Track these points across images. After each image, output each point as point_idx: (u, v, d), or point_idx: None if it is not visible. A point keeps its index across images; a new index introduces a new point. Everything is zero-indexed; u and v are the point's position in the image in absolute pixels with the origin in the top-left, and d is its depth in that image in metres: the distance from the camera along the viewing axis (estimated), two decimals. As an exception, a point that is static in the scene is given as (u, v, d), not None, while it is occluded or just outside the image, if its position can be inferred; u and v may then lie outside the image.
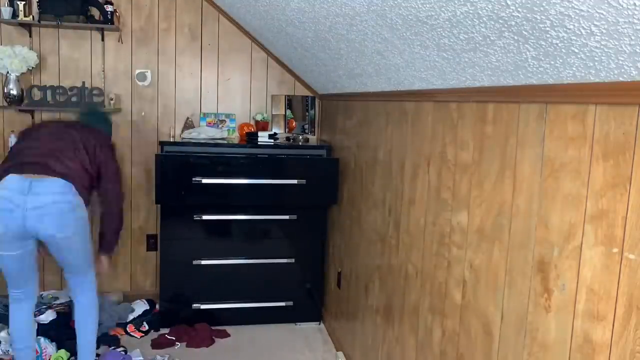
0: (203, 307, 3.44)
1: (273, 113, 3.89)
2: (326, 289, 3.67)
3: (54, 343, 2.99)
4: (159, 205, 3.60)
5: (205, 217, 3.34)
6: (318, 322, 3.67)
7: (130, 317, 3.47)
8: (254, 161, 3.28)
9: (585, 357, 1.17)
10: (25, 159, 2.50)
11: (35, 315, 2.73)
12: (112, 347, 3.10)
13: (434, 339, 1.94)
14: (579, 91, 1.19)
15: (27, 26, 3.49)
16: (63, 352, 2.95)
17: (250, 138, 3.63)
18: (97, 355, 2.86)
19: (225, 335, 3.41)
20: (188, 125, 3.75)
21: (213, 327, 3.42)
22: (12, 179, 2.40)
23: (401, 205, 2.27)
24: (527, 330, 1.38)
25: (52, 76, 3.62)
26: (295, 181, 3.28)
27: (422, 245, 2.05)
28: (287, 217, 3.46)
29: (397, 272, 2.32)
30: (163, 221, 3.36)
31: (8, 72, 3.36)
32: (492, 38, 1.34)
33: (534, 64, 1.28)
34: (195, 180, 3.15)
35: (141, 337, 3.34)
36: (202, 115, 3.80)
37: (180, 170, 3.18)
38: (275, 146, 3.50)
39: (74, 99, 3.51)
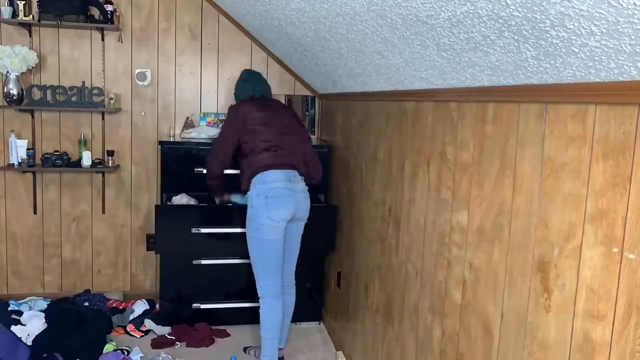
0: (203, 306, 3.44)
1: (273, 113, 3.89)
2: (326, 289, 3.67)
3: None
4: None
5: (203, 227, 3.34)
6: (318, 322, 3.67)
7: (130, 317, 3.47)
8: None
9: (585, 357, 1.17)
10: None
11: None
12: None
13: (433, 338, 1.94)
14: (579, 91, 1.19)
15: (27, 26, 3.49)
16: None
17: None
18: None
19: (225, 335, 3.41)
20: (188, 124, 3.74)
21: (213, 327, 3.42)
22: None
23: (401, 205, 2.27)
24: (527, 330, 1.38)
25: (52, 76, 3.62)
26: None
27: (422, 245, 2.05)
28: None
29: (397, 272, 2.32)
30: (163, 221, 3.36)
31: (8, 72, 3.36)
32: (492, 38, 1.34)
33: (534, 64, 1.28)
34: (198, 171, 3.28)
35: (141, 337, 3.34)
36: (202, 115, 3.80)
37: (183, 160, 3.35)
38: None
39: (73, 98, 3.51)
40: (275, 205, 2.73)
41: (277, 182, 2.76)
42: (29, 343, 2.99)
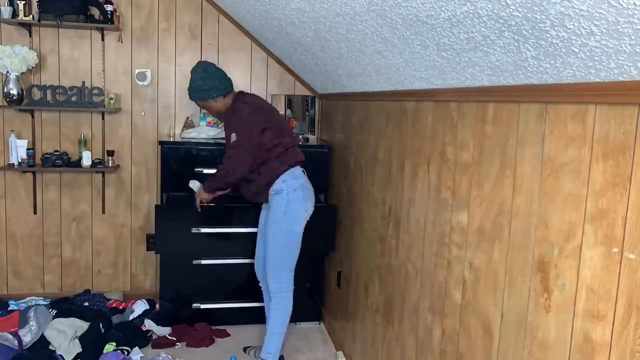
0: (203, 307, 3.44)
1: (273, 113, 3.89)
2: (326, 289, 3.67)
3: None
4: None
5: (203, 227, 3.34)
6: (318, 322, 3.67)
7: (130, 317, 3.47)
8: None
9: (585, 357, 1.17)
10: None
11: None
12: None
13: (433, 338, 1.94)
14: (579, 91, 1.19)
15: (27, 26, 3.49)
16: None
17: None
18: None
19: (225, 335, 3.41)
20: (188, 125, 3.75)
21: (213, 327, 3.42)
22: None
23: (401, 205, 2.27)
24: (527, 330, 1.38)
25: (52, 76, 3.62)
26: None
27: (422, 245, 2.05)
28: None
29: (397, 272, 2.32)
30: (163, 221, 3.36)
31: (8, 72, 3.36)
32: (492, 38, 1.34)
33: (534, 64, 1.28)
34: (198, 171, 3.29)
35: (141, 336, 3.34)
36: (202, 115, 3.80)
37: (183, 160, 3.35)
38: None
39: (73, 98, 3.51)
40: (309, 199, 2.87)
41: (302, 178, 2.87)
42: (28, 345, 2.99)
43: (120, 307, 3.60)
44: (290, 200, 2.79)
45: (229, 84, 2.92)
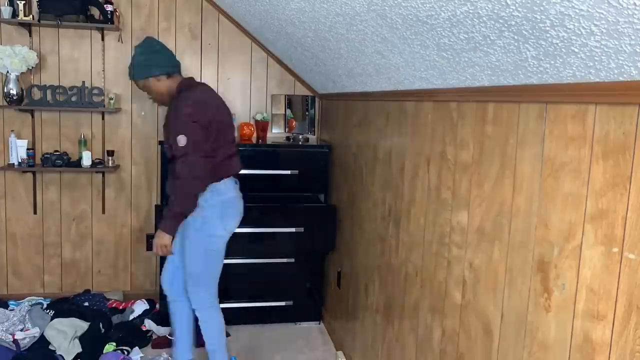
0: (203, 306, 3.44)
1: (273, 113, 3.89)
2: (326, 289, 3.67)
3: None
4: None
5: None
6: (318, 322, 3.67)
7: (130, 317, 3.47)
8: (252, 155, 3.30)
9: (585, 357, 1.17)
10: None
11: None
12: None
13: (433, 338, 1.94)
14: (579, 91, 1.19)
15: (27, 26, 3.49)
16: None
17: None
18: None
19: (225, 335, 3.40)
20: (188, 125, 3.74)
21: (213, 327, 3.41)
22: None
23: (401, 205, 2.27)
24: (527, 330, 1.38)
25: (52, 76, 3.61)
26: (288, 172, 3.43)
27: (422, 245, 2.05)
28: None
29: (397, 272, 2.32)
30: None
31: (8, 72, 3.36)
32: (492, 38, 1.34)
33: (534, 64, 1.28)
34: None
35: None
36: (202, 115, 3.79)
37: None
38: (274, 145, 3.53)
39: (73, 98, 3.51)
40: (230, 216, 2.60)
41: (227, 193, 2.57)
42: (27, 346, 3.00)
43: (120, 307, 3.60)
44: (206, 217, 2.51)
45: (174, 64, 2.60)
